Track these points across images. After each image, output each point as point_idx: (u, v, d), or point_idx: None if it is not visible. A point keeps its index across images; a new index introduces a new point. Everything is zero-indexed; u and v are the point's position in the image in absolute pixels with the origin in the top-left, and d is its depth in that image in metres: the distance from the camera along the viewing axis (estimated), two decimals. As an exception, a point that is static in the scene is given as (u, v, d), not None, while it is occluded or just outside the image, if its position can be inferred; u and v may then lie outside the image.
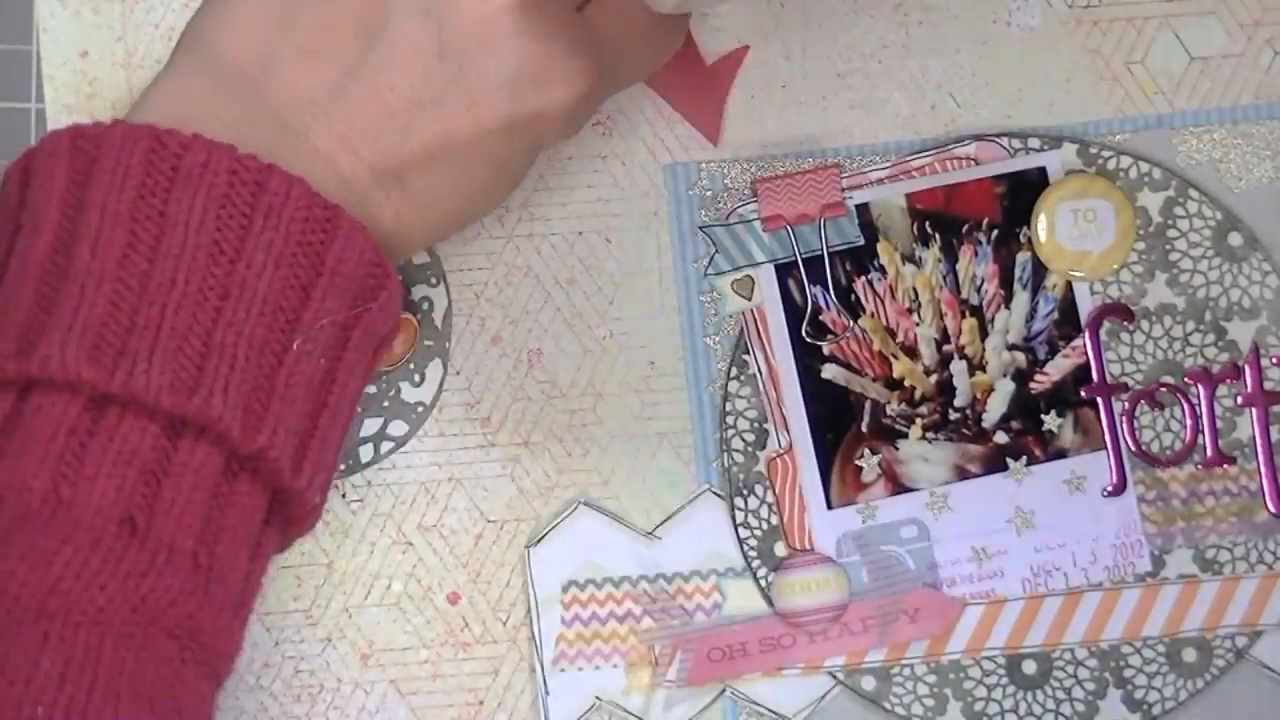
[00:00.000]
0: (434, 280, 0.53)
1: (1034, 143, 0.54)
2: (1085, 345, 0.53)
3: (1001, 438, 0.53)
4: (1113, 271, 0.54)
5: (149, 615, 0.39)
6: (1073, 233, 0.53)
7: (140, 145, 0.41)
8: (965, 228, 0.54)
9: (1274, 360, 0.54)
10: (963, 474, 0.53)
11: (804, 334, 0.53)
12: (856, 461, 0.53)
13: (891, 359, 0.53)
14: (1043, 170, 0.53)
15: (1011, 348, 0.54)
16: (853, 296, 0.53)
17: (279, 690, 0.52)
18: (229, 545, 0.41)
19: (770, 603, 0.53)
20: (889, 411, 0.53)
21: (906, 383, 0.53)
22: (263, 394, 0.41)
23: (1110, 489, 0.53)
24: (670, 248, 0.54)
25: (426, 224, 0.46)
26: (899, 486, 0.53)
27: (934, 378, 0.53)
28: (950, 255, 0.54)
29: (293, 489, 0.42)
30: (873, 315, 0.53)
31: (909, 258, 0.54)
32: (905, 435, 0.53)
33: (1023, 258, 0.53)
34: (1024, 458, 0.53)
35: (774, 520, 0.53)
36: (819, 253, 0.53)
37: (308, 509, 0.44)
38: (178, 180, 0.41)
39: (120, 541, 0.39)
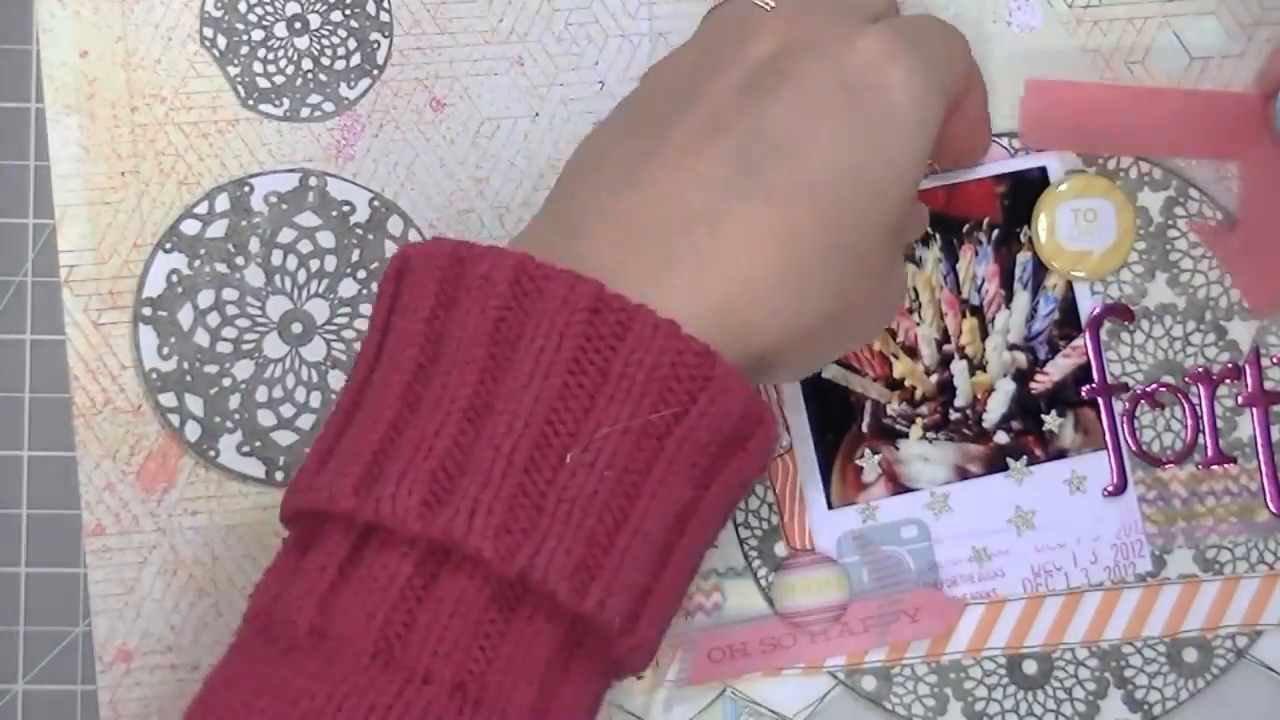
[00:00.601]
0: (434, 280, 0.53)
1: (1034, 142, 0.54)
2: (1086, 345, 0.53)
3: (1002, 438, 0.53)
4: (1113, 271, 0.54)
5: None
6: (1073, 233, 0.53)
7: (504, 275, 0.39)
8: (966, 227, 0.54)
9: (1274, 360, 0.54)
10: (963, 474, 0.53)
11: (804, 334, 0.53)
12: (857, 461, 0.53)
13: (892, 359, 0.53)
14: (1044, 170, 0.53)
15: (1012, 347, 0.54)
16: (853, 296, 0.53)
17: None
18: (503, 675, 0.38)
19: (770, 603, 0.53)
20: (889, 411, 0.53)
21: (907, 383, 0.53)
22: (598, 553, 0.39)
23: (1111, 489, 0.53)
24: (670, 248, 0.54)
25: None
26: (899, 486, 0.53)
27: (934, 377, 0.53)
28: (951, 255, 0.54)
29: (582, 612, 0.39)
30: (873, 315, 0.53)
31: (909, 257, 0.53)
32: (905, 435, 0.53)
33: (1023, 257, 0.53)
34: (1024, 458, 0.53)
35: (774, 520, 0.53)
36: (819, 253, 0.53)
37: (609, 636, 0.39)
38: (530, 317, 0.39)
39: (370, 673, 0.37)
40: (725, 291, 0.41)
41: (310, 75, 0.54)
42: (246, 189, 0.53)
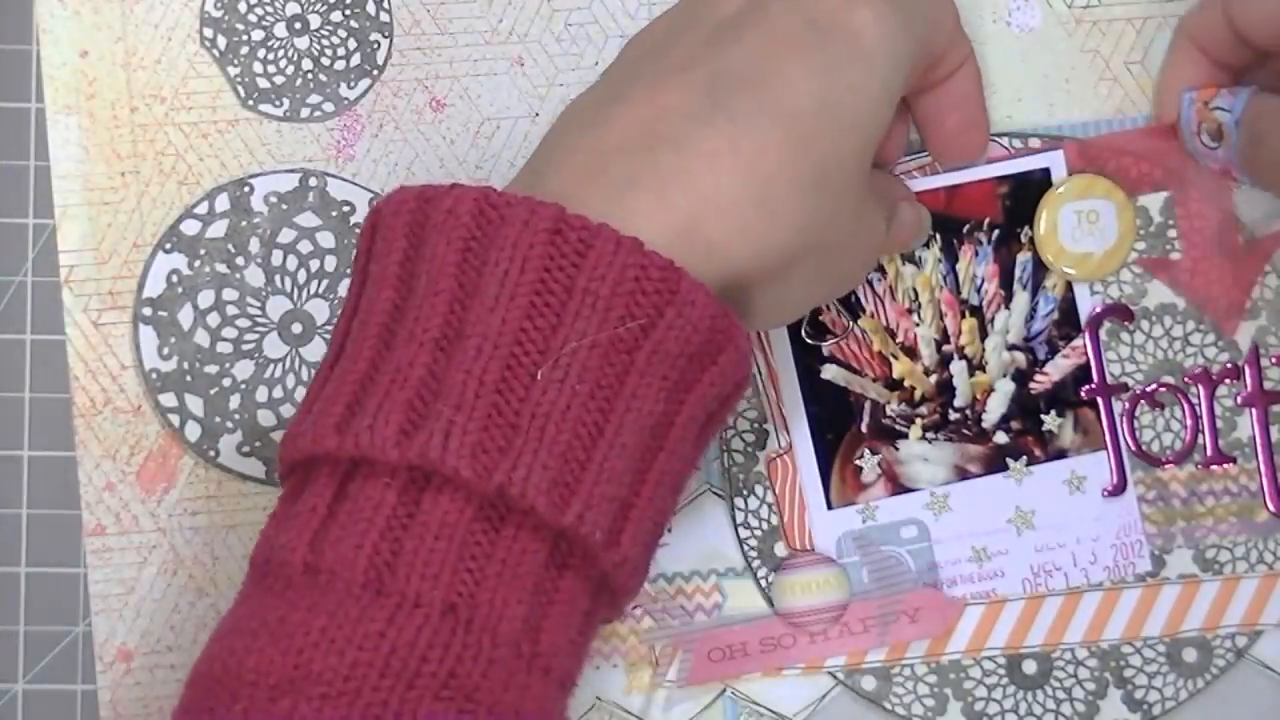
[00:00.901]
0: (434, 280, 0.53)
1: (1034, 143, 0.54)
2: (1085, 345, 0.53)
3: (1001, 438, 0.53)
4: (1113, 271, 0.54)
5: (403, 678, 0.38)
6: (1075, 234, 0.53)
7: (467, 207, 0.40)
8: (966, 228, 0.54)
9: (1274, 360, 0.54)
10: (963, 474, 0.53)
11: (804, 334, 0.53)
12: (856, 461, 0.53)
13: (891, 359, 0.53)
14: (1045, 171, 0.53)
15: (1011, 348, 0.54)
16: (852, 297, 0.53)
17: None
18: (492, 593, 0.39)
19: (770, 603, 0.53)
20: (889, 411, 0.53)
21: (906, 383, 0.53)
22: (575, 467, 0.39)
23: (1110, 489, 0.53)
24: (670, 248, 0.54)
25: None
26: (899, 486, 0.53)
27: (934, 378, 0.53)
28: (950, 255, 0.54)
29: (563, 526, 0.39)
30: (872, 315, 0.53)
31: (909, 257, 0.54)
32: (905, 435, 0.53)
33: (1023, 258, 0.53)
34: (1024, 458, 0.53)
35: (774, 520, 0.53)
36: (819, 253, 0.53)
37: (593, 551, 0.40)
38: (494, 243, 0.40)
39: (362, 603, 0.38)
40: (689, 209, 0.41)
41: (310, 75, 0.54)
42: (246, 189, 0.53)
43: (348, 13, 0.54)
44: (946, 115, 0.50)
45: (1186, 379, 0.54)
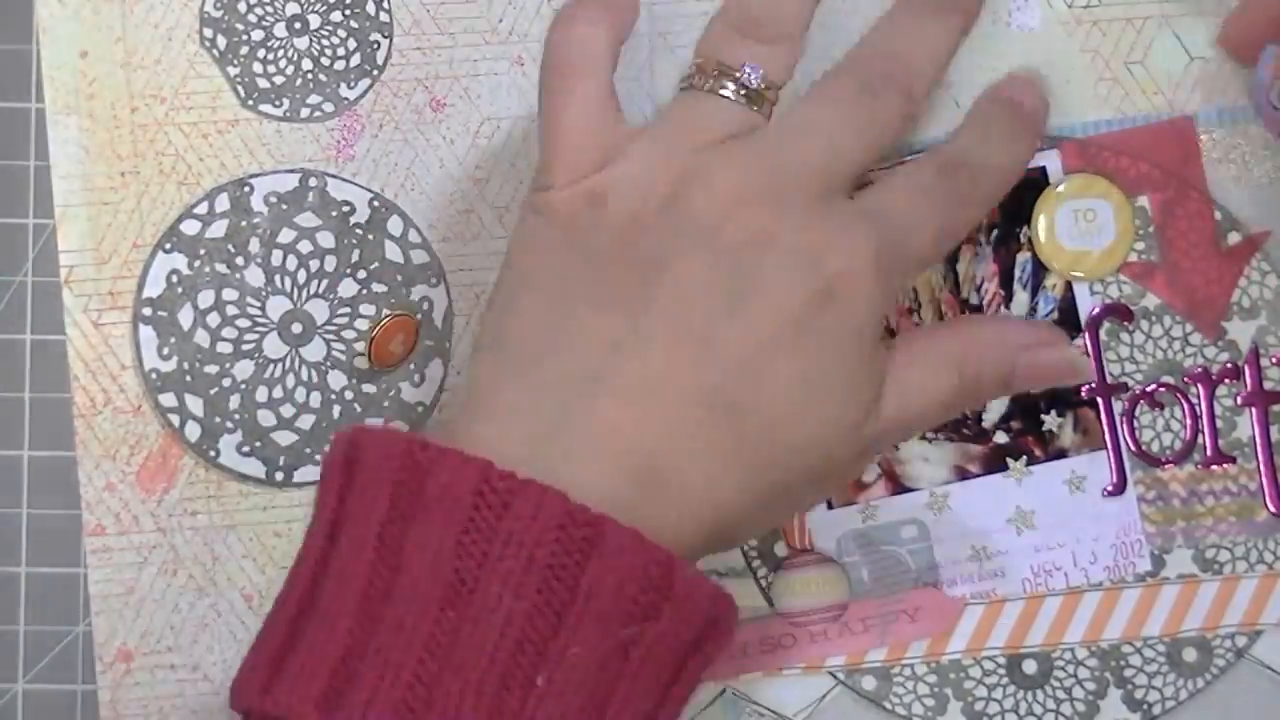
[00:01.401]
0: (434, 280, 0.53)
1: (1034, 143, 0.54)
2: (1085, 345, 0.53)
3: (1001, 438, 0.53)
4: (1112, 271, 0.54)
5: None
6: (1073, 233, 0.53)
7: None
8: (965, 228, 0.54)
9: (1274, 360, 0.54)
10: (963, 474, 0.53)
11: (804, 334, 0.53)
12: (856, 461, 0.53)
13: (891, 359, 0.53)
14: (1043, 170, 0.53)
15: (1011, 348, 0.53)
16: (853, 296, 0.53)
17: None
18: None
19: (770, 602, 0.53)
20: (889, 411, 0.53)
21: (906, 383, 0.53)
22: None
23: (1110, 489, 0.53)
24: (670, 248, 0.53)
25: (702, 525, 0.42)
26: (899, 486, 0.53)
27: (934, 378, 0.53)
28: (950, 255, 0.54)
29: None
30: (872, 315, 0.53)
31: (909, 258, 0.53)
32: (905, 435, 0.53)
33: (1022, 258, 0.54)
34: (1024, 458, 0.53)
35: (774, 520, 0.53)
36: (819, 253, 0.53)
37: None
38: (419, 506, 0.38)
39: None
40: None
41: (310, 75, 0.54)
42: (246, 189, 0.53)
43: (348, 13, 0.54)
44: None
45: (1186, 379, 0.54)
